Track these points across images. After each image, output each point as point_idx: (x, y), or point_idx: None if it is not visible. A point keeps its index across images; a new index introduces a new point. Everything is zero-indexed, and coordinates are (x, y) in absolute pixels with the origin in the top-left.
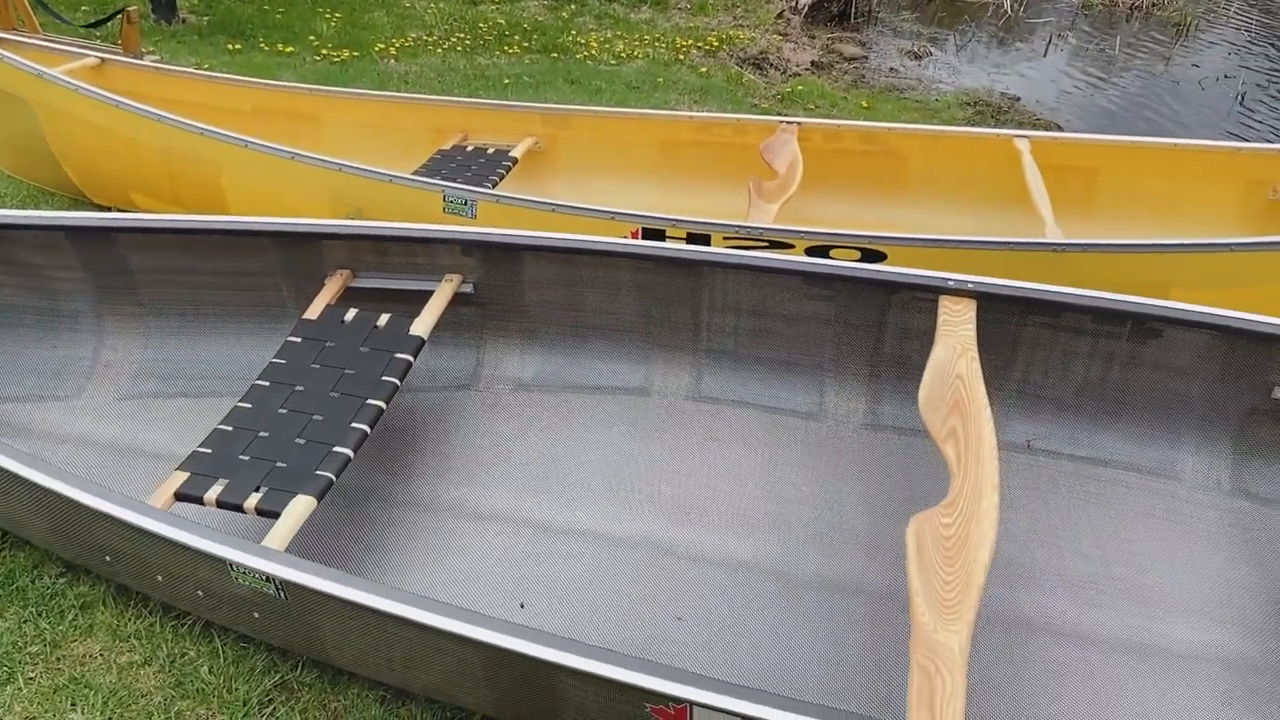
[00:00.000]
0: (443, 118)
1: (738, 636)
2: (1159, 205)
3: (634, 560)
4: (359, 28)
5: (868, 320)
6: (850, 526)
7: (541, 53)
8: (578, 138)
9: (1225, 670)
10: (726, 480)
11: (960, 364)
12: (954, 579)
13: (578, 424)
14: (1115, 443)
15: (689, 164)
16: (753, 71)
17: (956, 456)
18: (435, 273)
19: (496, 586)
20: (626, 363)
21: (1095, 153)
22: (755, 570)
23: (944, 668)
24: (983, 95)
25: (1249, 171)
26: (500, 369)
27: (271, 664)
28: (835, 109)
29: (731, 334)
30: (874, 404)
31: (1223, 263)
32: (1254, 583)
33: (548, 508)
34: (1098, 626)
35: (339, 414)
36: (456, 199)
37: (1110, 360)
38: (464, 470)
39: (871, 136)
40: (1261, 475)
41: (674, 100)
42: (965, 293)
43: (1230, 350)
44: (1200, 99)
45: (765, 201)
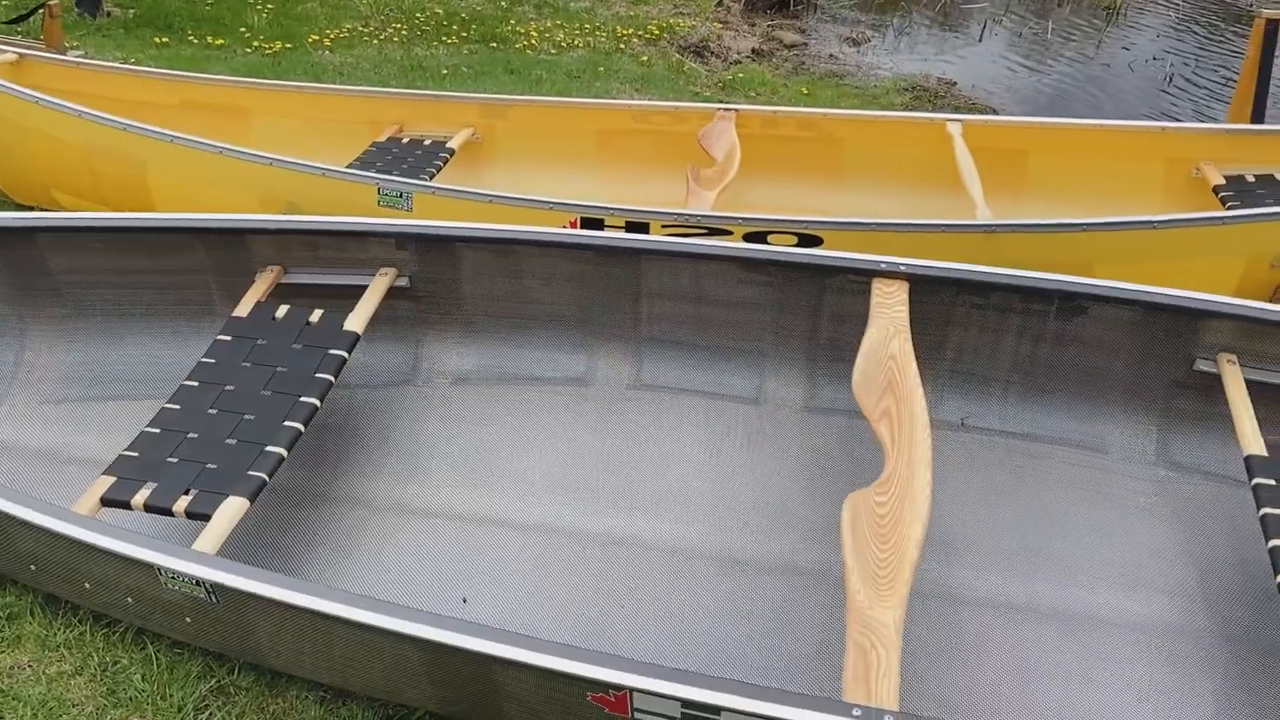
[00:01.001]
0: (378, 110)
1: (681, 621)
2: (1087, 185)
3: (577, 550)
4: (292, 19)
5: (805, 304)
6: (791, 508)
7: (480, 43)
8: (516, 128)
9: (1151, 635)
10: (668, 467)
11: (893, 345)
12: (888, 556)
13: (519, 416)
14: (1045, 418)
15: (628, 152)
16: (694, 59)
17: (890, 436)
18: (369, 267)
19: (438, 582)
20: (567, 353)
21: (1024, 135)
22: (697, 555)
23: (879, 643)
24: (920, 80)
25: (1172, 151)
26: (439, 363)
27: (207, 669)
28: (776, 96)
29: (671, 321)
30: (813, 387)
31: (1145, 240)
32: (1178, 549)
33: (489, 501)
34: (1029, 596)
35: (271, 413)
36: (391, 192)
37: (1039, 338)
38: (404, 466)
39: (808, 122)
40: (1184, 445)
41: (616, 89)
42: (897, 275)
43: (1153, 325)
44: (1130, 81)
45: (703, 188)
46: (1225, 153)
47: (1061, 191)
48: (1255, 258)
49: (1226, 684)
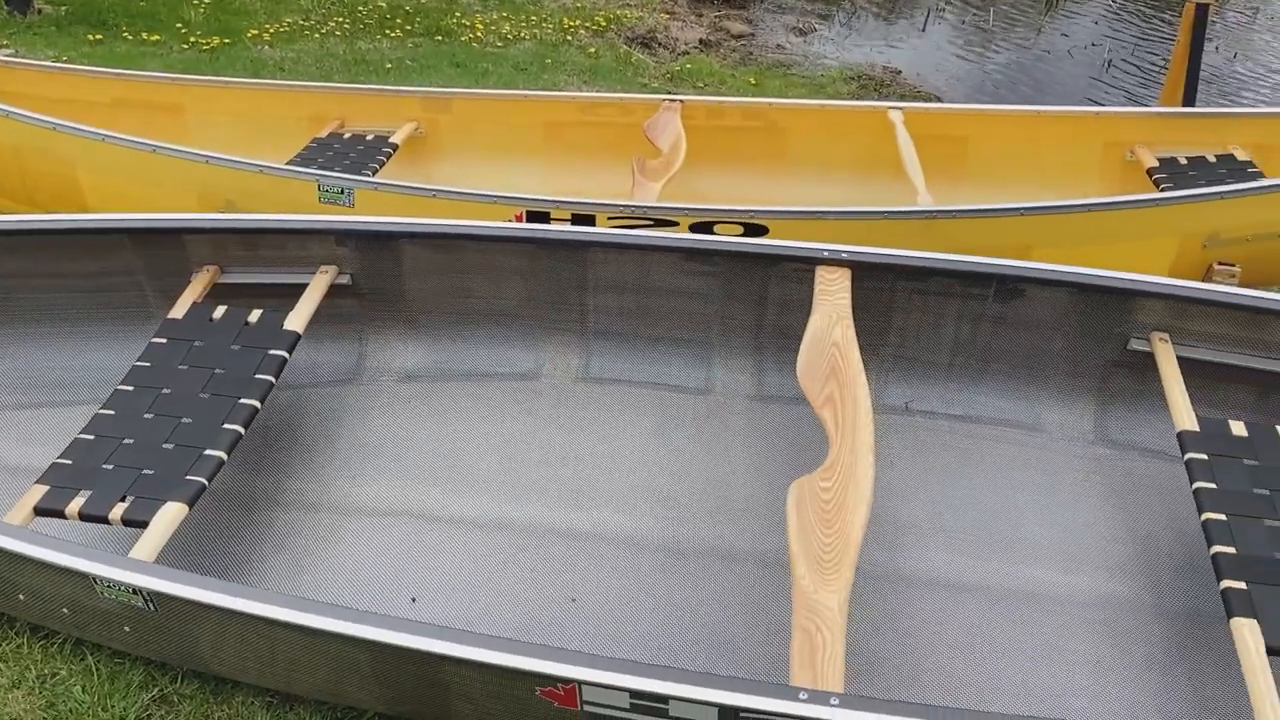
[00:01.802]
0: (318, 105)
1: (632, 612)
2: (1026, 170)
3: (527, 545)
4: (230, 13)
5: (750, 293)
6: (740, 496)
7: (425, 36)
8: (460, 122)
9: (1092, 609)
10: (618, 459)
11: (836, 331)
12: (833, 540)
13: (467, 412)
14: (987, 399)
15: (574, 145)
16: (641, 51)
17: (834, 421)
18: (309, 265)
19: (387, 582)
20: (514, 348)
21: (965, 122)
22: (648, 546)
23: (824, 627)
24: (866, 70)
25: (1107, 135)
26: (384, 361)
27: (149, 678)
28: (724, 86)
29: (618, 314)
30: (760, 375)
31: (1081, 223)
32: (1117, 525)
33: (438, 499)
34: (974, 575)
35: (209, 416)
36: (332, 188)
37: (978, 321)
38: (350, 466)
39: (753, 112)
40: (1121, 423)
41: (563, 81)
42: (839, 262)
43: (1088, 306)
44: (1069, 67)
45: (649, 180)
46: (1158, 136)
47: (1001, 176)
48: (1188, 238)
49: (1164, 652)
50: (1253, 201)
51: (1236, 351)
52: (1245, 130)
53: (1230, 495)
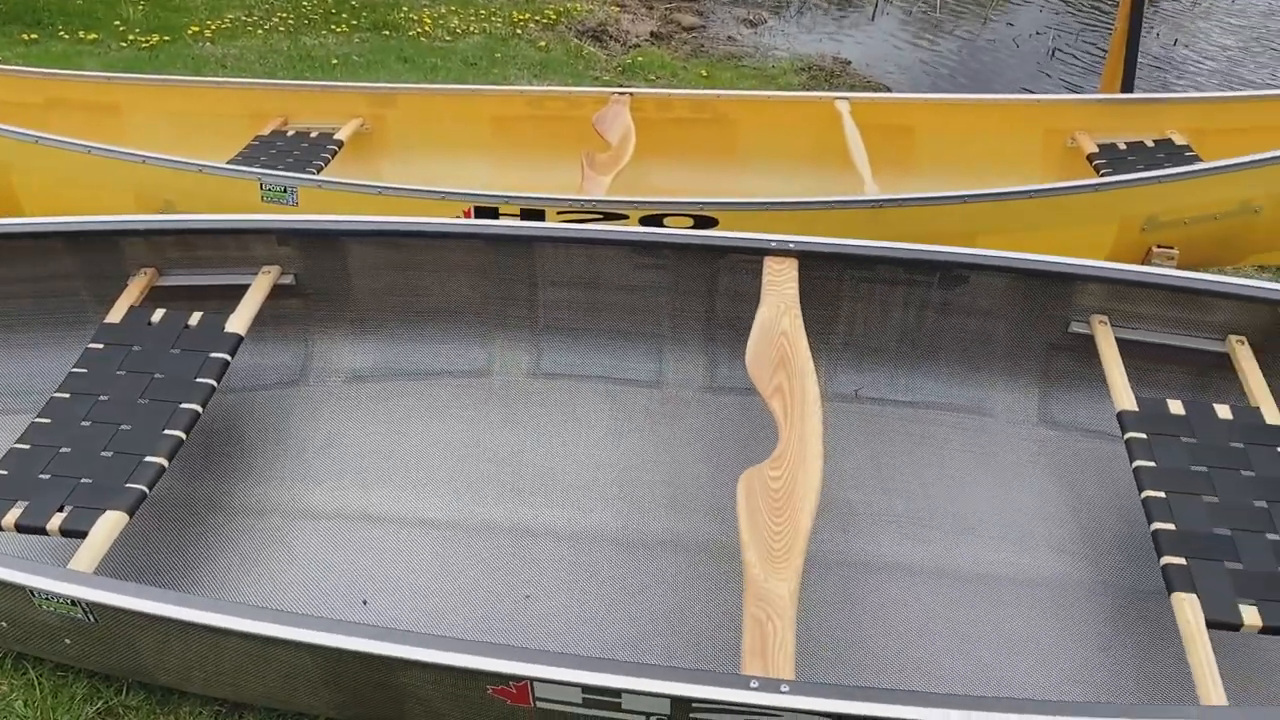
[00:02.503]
0: (260, 102)
1: (587, 607)
2: (970, 158)
3: (480, 544)
4: (170, 10)
5: (700, 285)
6: (694, 488)
7: (372, 30)
8: (407, 117)
9: (1038, 587)
10: (571, 454)
11: (784, 321)
12: (783, 529)
13: (417, 411)
14: (934, 385)
15: (523, 139)
16: (592, 44)
17: (783, 410)
18: (251, 265)
19: (338, 585)
20: (465, 345)
21: (910, 111)
22: (602, 540)
23: (774, 615)
24: (816, 60)
25: (1049, 122)
26: (331, 361)
27: (93, 690)
28: (676, 79)
29: (569, 308)
30: (711, 367)
31: (1024, 209)
32: (1062, 505)
33: (389, 500)
34: (923, 559)
35: (149, 422)
36: (275, 186)
37: (924, 308)
38: (298, 469)
39: (702, 104)
40: (1063, 404)
41: (514, 76)
42: (787, 252)
43: (1030, 290)
44: (1015, 56)
45: (598, 173)
46: (1098, 122)
47: (947, 165)
48: (1127, 222)
49: (1109, 628)
50: (1189, 185)
51: (1174, 332)
52: (1182, 115)
53: (1169, 473)
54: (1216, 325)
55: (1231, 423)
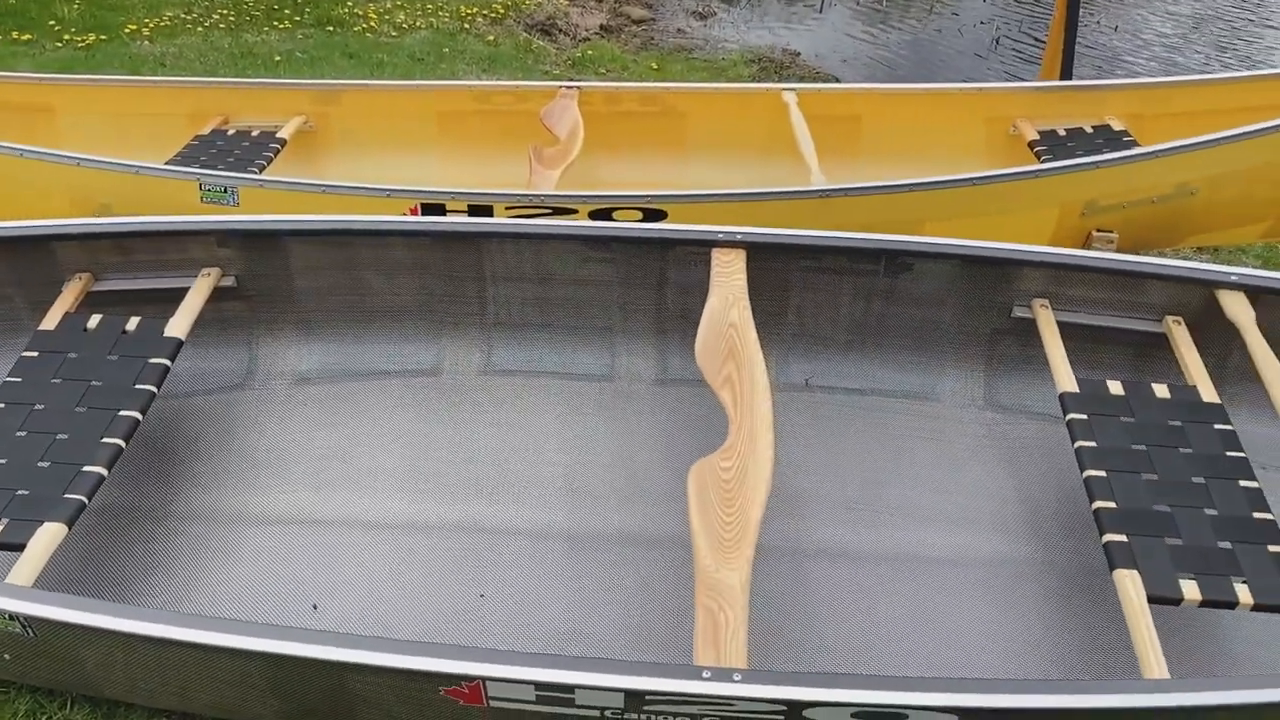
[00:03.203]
0: (200, 101)
1: (543, 604)
2: (916, 147)
3: (433, 545)
4: (106, 8)
5: (649, 278)
6: (646, 481)
7: (316, 26)
8: (351, 114)
9: (986, 568)
10: (523, 451)
11: (733, 313)
12: (733, 519)
13: (367, 412)
14: (882, 372)
15: (470, 135)
16: (541, 38)
17: (733, 401)
18: (190, 268)
19: (288, 591)
20: (414, 344)
21: (856, 101)
22: (556, 536)
23: (726, 605)
24: (766, 52)
25: (991, 110)
26: (277, 364)
27: (37, 705)
28: (626, 72)
29: (519, 305)
30: (663, 359)
31: (967, 196)
32: (1009, 486)
33: (339, 502)
34: (875, 544)
35: (87, 431)
36: (214, 187)
37: (872, 296)
38: (244, 474)
39: (650, 97)
40: (1008, 388)
41: (462, 71)
42: (734, 244)
43: (973, 276)
44: (960, 45)
45: (546, 168)
46: (1038, 109)
47: (893, 154)
48: (1068, 207)
49: (1056, 606)
50: (1127, 170)
51: (1113, 314)
52: (1120, 101)
53: (1109, 452)
54: (1154, 306)
55: (1169, 401)
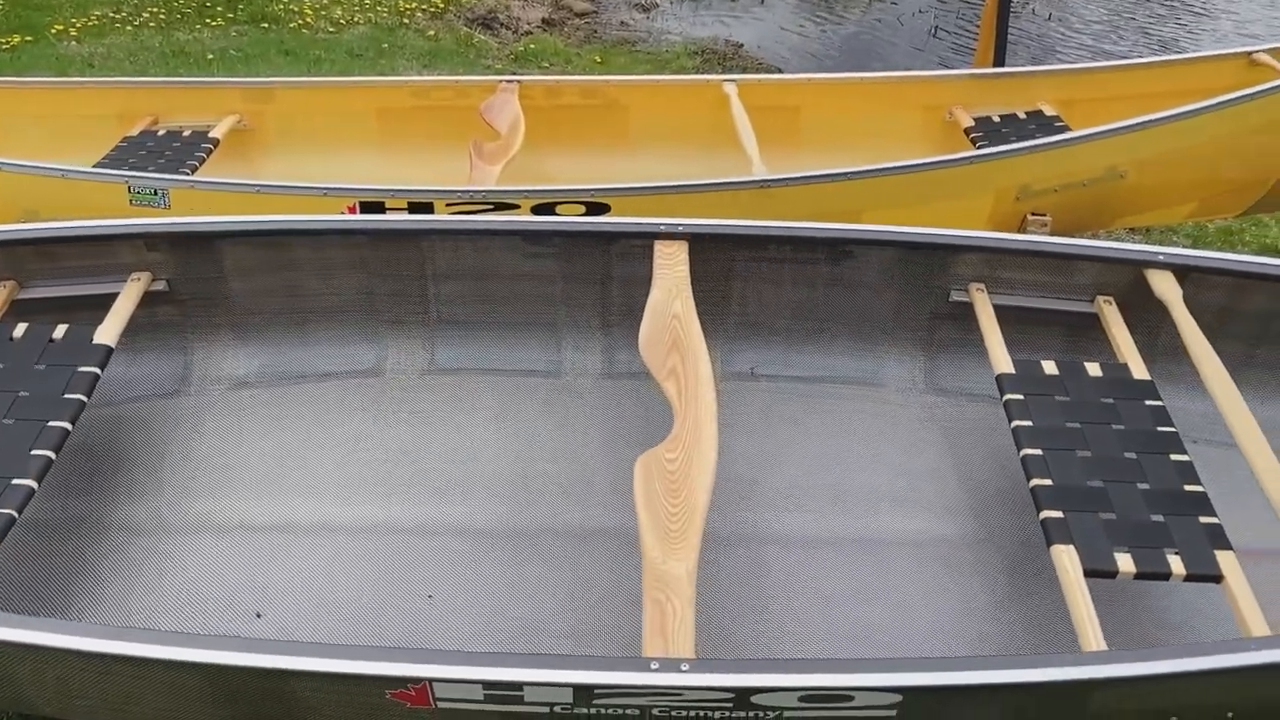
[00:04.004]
0: (128, 101)
1: (492, 603)
2: (855, 136)
3: (380, 547)
4: (31, 8)
5: (593, 272)
6: (594, 476)
7: (250, 23)
8: (287, 112)
9: (932, 548)
10: (469, 450)
11: (676, 304)
12: (679, 510)
13: (308, 416)
14: (826, 359)
15: (410, 131)
16: (483, 32)
17: (677, 392)
18: (119, 273)
19: (229, 600)
20: (355, 345)
21: (796, 91)
22: (505, 534)
23: (673, 595)
24: (709, 44)
25: (928, 98)
26: (213, 369)
27: None
28: (570, 66)
29: (461, 302)
30: (609, 353)
31: (905, 184)
32: (951, 467)
33: (281, 508)
34: (821, 529)
35: (15, 443)
36: (144, 189)
37: (813, 284)
38: (183, 482)
39: (592, 90)
40: (948, 371)
41: (402, 66)
42: (676, 235)
43: (911, 263)
44: (899, 35)
45: (487, 163)
46: (973, 97)
47: (833, 143)
48: (1002, 192)
49: (999, 584)
50: (1058, 154)
51: (1046, 296)
52: (1052, 87)
53: (1045, 431)
54: (1086, 287)
55: (1102, 379)
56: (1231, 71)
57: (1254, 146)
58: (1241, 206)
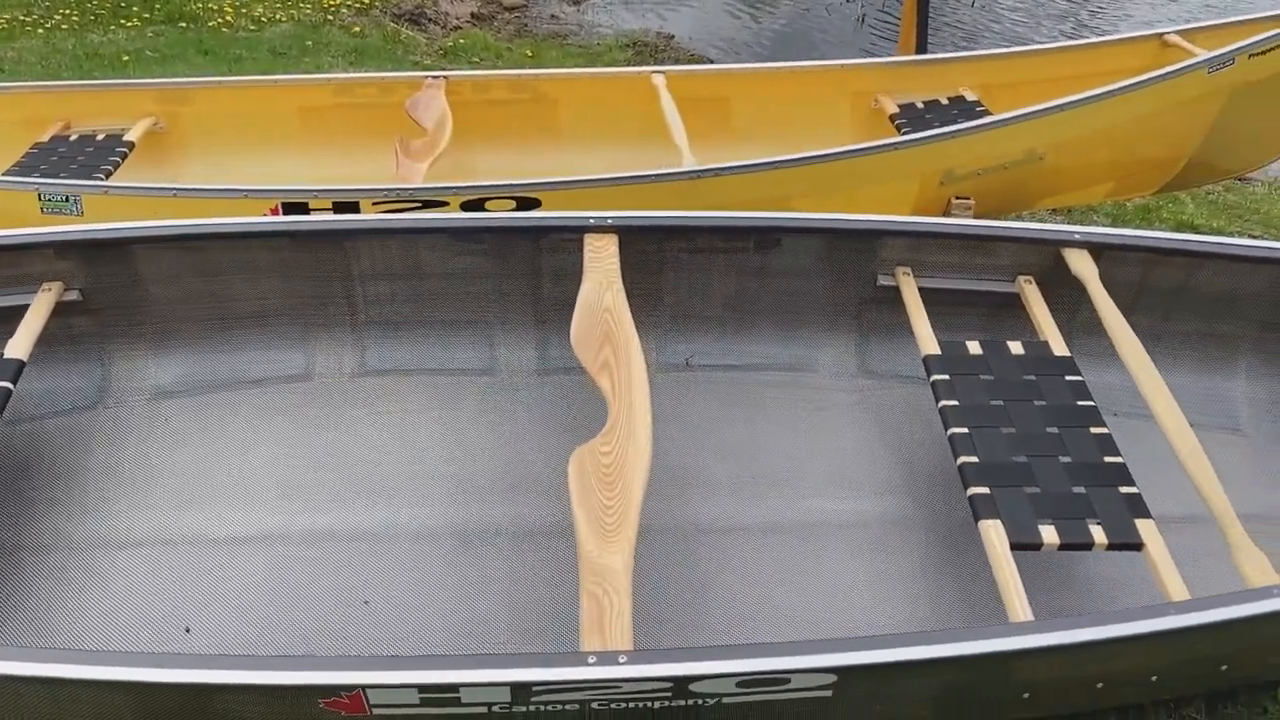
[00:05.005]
0: (37, 106)
1: (430, 606)
2: (784, 125)
3: (312, 555)
4: None
5: (524, 268)
6: (532, 473)
7: (167, 23)
8: (206, 113)
9: (868, 530)
10: (403, 452)
11: (607, 297)
12: (614, 503)
13: (235, 424)
14: (760, 347)
15: (334, 130)
16: (411, 27)
17: (611, 386)
18: (28, 284)
19: (157, 616)
20: (282, 350)
21: (725, 82)
22: (442, 535)
23: (610, 589)
24: (640, 36)
25: (853, 86)
26: (133, 379)
27: None
28: (500, 60)
29: (391, 302)
30: (543, 349)
31: (832, 171)
32: (883, 449)
33: (209, 519)
34: (757, 516)
35: None
36: (55, 196)
37: (744, 273)
38: (105, 497)
39: (520, 85)
40: (878, 354)
41: (328, 64)
42: (606, 228)
43: (839, 248)
44: (828, 24)
45: (414, 160)
46: (897, 84)
47: (762, 133)
48: (927, 177)
49: (932, 560)
50: (977, 138)
51: (969, 277)
52: (973, 72)
53: (970, 410)
54: (1007, 268)
55: (1024, 357)
56: (1144, 53)
57: (1167, 126)
58: (1157, 184)
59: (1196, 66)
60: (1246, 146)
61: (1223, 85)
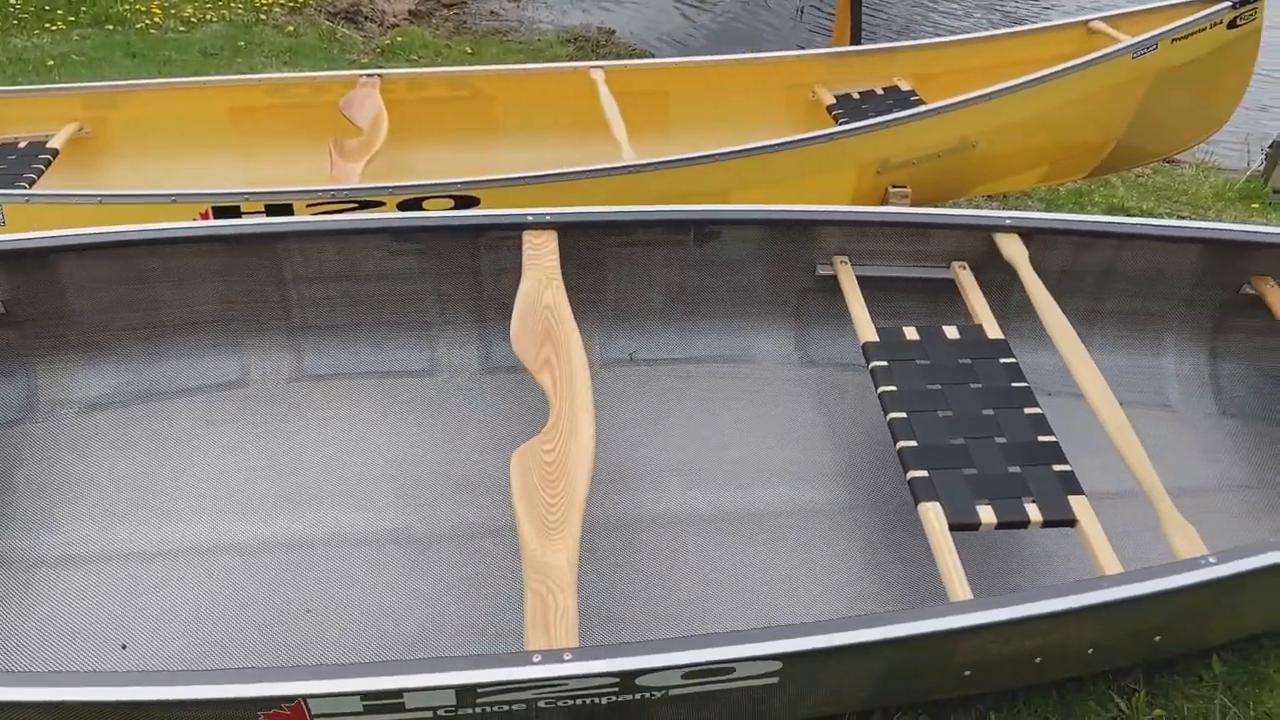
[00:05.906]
0: None
1: (375, 612)
2: (723, 118)
3: (251, 565)
4: None
5: (463, 267)
6: (475, 474)
7: (94, 26)
8: (134, 117)
9: (812, 516)
10: (344, 457)
11: (547, 294)
12: (557, 500)
13: (169, 434)
14: (702, 339)
15: (266, 131)
16: (346, 25)
17: (553, 383)
18: None
19: (91, 633)
20: (215, 356)
21: (663, 76)
22: (386, 540)
23: (554, 586)
24: (581, 32)
25: (791, 78)
26: (60, 391)
27: None
28: (440, 58)
29: (327, 305)
30: (485, 349)
31: (771, 162)
32: (826, 436)
33: (144, 533)
34: (702, 508)
35: None
36: None
37: (684, 266)
38: (33, 513)
39: (457, 82)
40: (818, 343)
41: (261, 65)
42: (544, 225)
43: (778, 239)
44: (768, 16)
45: (348, 160)
46: (833, 75)
47: (701, 126)
48: (863, 166)
49: (877, 544)
50: (911, 128)
51: (905, 264)
52: (907, 63)
53: (908, 394)
54: (942, 254)
55: (959, 342)
56: (1071, 40)
57: (1095, 111)
58: (1088, 169)
59: (1121, 52)
60: (1171, 129)
61: (1147, 70)
